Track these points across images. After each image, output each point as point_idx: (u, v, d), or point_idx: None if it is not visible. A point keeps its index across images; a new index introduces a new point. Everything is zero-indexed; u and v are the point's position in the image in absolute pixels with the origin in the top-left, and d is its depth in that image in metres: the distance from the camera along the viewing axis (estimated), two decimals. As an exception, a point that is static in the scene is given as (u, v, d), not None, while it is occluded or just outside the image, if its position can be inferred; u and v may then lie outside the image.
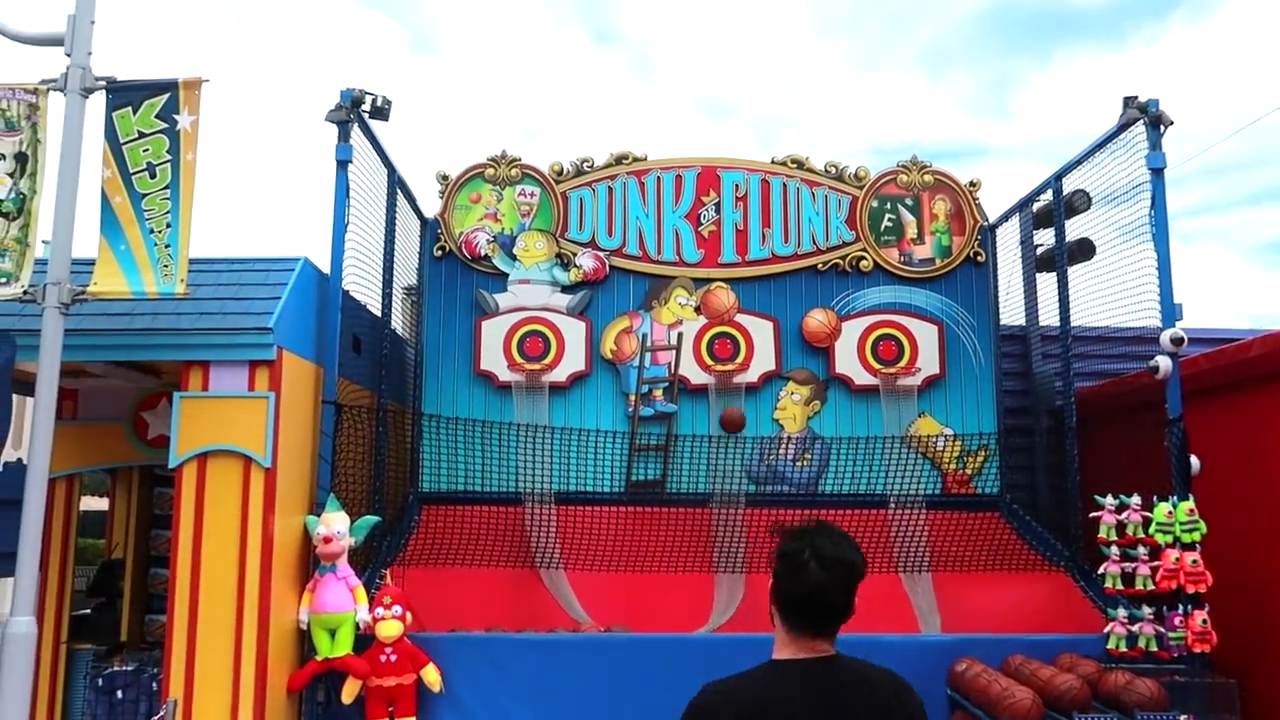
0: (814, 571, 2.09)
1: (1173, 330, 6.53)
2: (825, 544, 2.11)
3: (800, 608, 2.13)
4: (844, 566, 2.10)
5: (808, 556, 2.10)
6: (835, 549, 2.11)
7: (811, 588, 2.09)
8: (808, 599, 2.11)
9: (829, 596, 2.10)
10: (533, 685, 6.27)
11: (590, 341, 8.38)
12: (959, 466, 8.27)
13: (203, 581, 5.79)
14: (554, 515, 7.59)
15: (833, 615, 2.13)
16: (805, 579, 2.10)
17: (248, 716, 5.64)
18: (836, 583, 2.10)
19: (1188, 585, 6.09)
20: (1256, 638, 6.44)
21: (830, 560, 2.09)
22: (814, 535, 2.14)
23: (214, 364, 6.02)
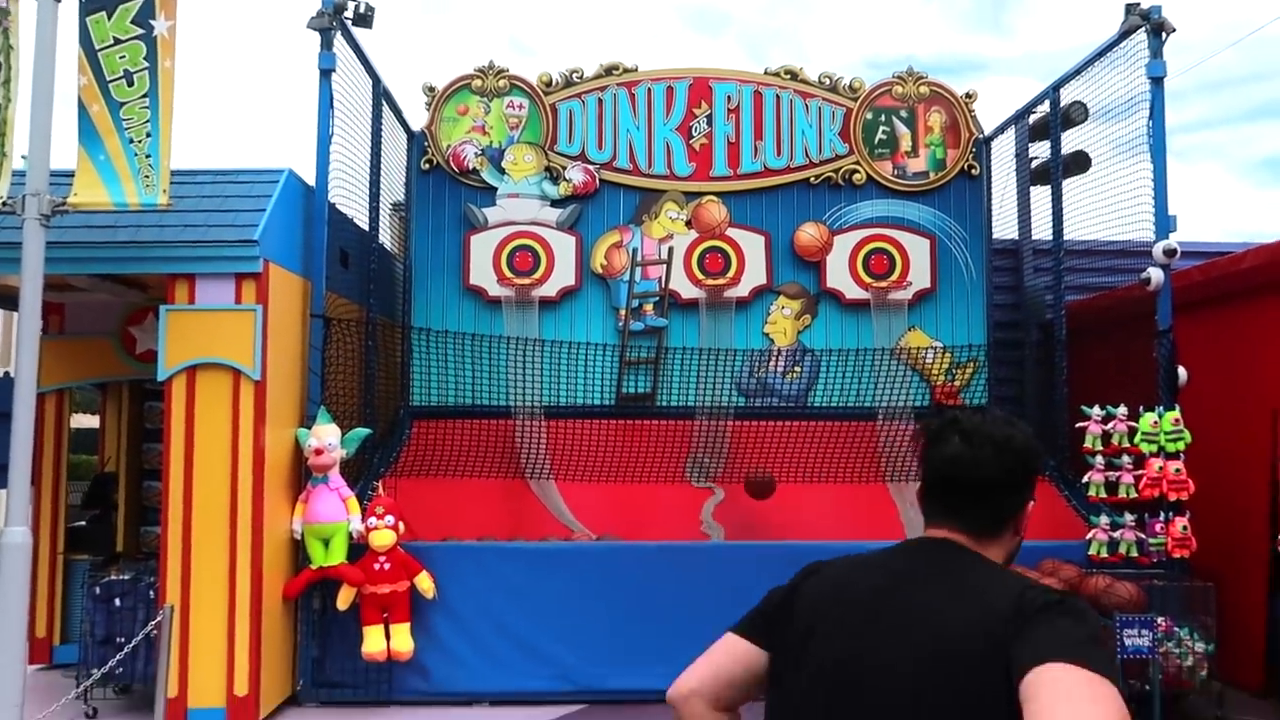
0: (952, 444, 1.67)
1: (1166, 242, 6.50)
2: (973, 419, 1.72)
3: (930, 486, 1.71)
4: (993, 443, 1.65)
5: (950, 432, 1.69)
6: (983, 424, 1.69)
7: (943, 460, 1.68)
8: (937, 473, 1.70)
9: (961, 469, 1.65)
10: (525, 592, 6.39)
11: (580, 256, 8.32)
12: (948, 379, 8.31)
13: (195, 493, 5.83)
14: (544, 428, 7.64)
15: (963, 492, 1.66)
16: (939, 452, 1.68)
17: (245, 623, 5.75)
18: (976, 456, 1.65)
19: (1170, 493, 6.18)
20: (1233, 543, 6.58)
21: (973, 433, 1.67)
22: (962, 412, 1.75)
23: (200, 277, 5.97)
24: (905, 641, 1.52)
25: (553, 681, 6.33)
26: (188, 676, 5.66)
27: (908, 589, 1.60)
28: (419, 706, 6.25)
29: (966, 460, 1.66)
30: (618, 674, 6.32)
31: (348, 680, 6.29)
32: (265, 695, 5.88)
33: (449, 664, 6.31)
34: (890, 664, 1.52)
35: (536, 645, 6.33)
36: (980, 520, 1.67)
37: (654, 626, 6.33)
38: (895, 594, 1.60)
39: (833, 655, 1.60)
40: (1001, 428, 1.69)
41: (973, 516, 1.67)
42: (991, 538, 1.67)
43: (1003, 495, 1.67)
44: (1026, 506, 1.70)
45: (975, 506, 1.67)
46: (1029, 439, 1.71)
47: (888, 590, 1.62)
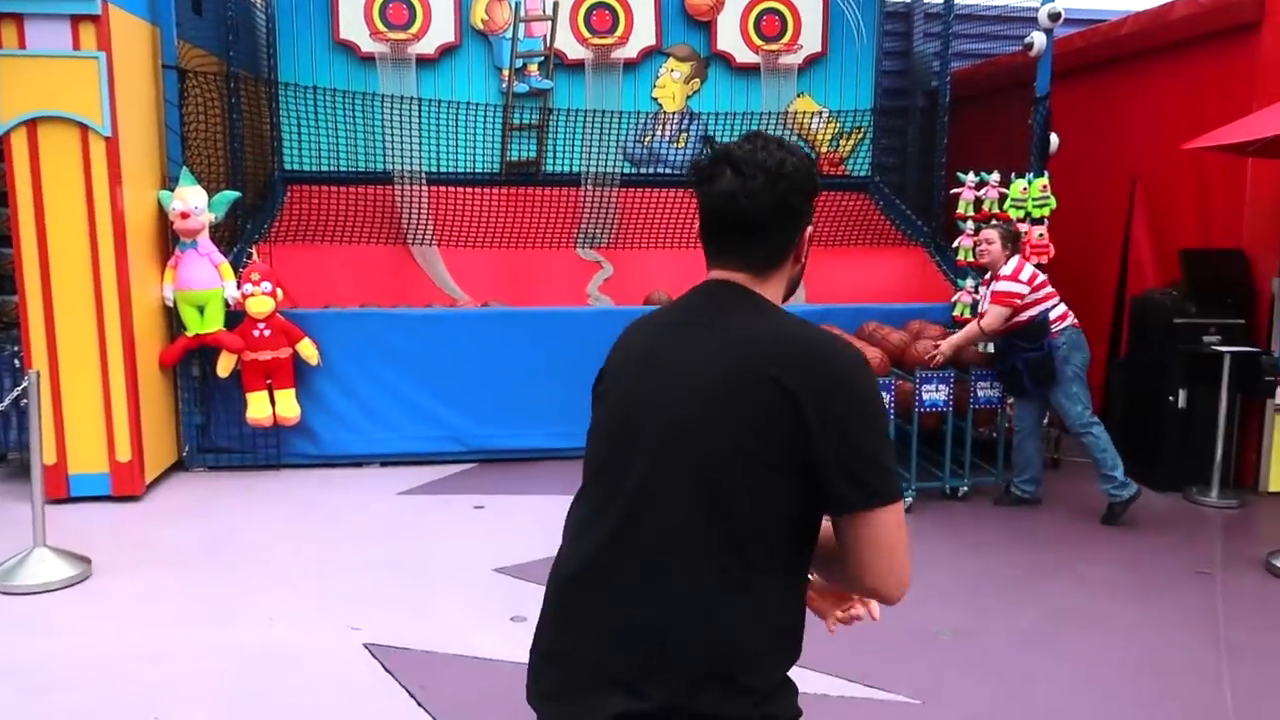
0: (725, 178, 1.53)
1: (1050, 5, 6.46)
2: (744, 148, 1.55)
3: (706, 225, 1.60)
4: (764, 171, 1.51)
5: (721, 165, 1.54)
6: (754, 153, 1.54)
7: (716, 195, 1.54)
8: (711, 210, 1.57)
9: (734, 203, 1.53)
10: (412, 357, 6.41)
11: (459, 10, 7.78)
12: (833, 148, 8.34)
13: (52, 258, 5.51)
14: (426, 194, 7.41)
15: (739, 228, 1.56)
16: (712, 187, 1.55)
17: (120, 388, 5.63)
18: (748, 187, 1.52)
19: (1032, 256, 6.48)
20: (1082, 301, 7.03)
21: (744, 163, 1.53)
22: (735, 144, 1.58)
23: (28, 17, 5.35)
24: (671, 390, 1.50)
25: (442, 443, 6.49)
26: (65, 443, 5.57)
27: (681, 338, 1.57)
28: (309, 469, 6.36)
29: (739, 192, 1.53)
30: (506, 434, 6.53)
31: (234, 446, 6.31)
32: (150, 461, 5.86)
33: (337, 427, 6.39)
34: (658, 409, 1.51)
35: (425, 408, 6.44)
36: (758, 256, 1.58)
37: (539, 390, 6.49)
38: (668, 346, 1.58)
39: (611, 406, 1.62)
40: (775, 153, 1.55)
41: (750, 252, 1.58)
42: (772, 271, 1.59)
43: (779, 225, 1.57)
44: (805, 232, 1.61)
45: (752, 242, 1.57)
46: (803, 161, 1.57)
47: (663, 343, 1.60)
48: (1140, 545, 5.13)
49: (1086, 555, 5.01)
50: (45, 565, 4.53)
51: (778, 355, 1.46)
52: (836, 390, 1.45)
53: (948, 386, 5.67)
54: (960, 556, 4.97)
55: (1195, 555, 5.01)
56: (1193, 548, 5.12)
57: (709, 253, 1.63)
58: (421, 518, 5.53)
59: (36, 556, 4.55)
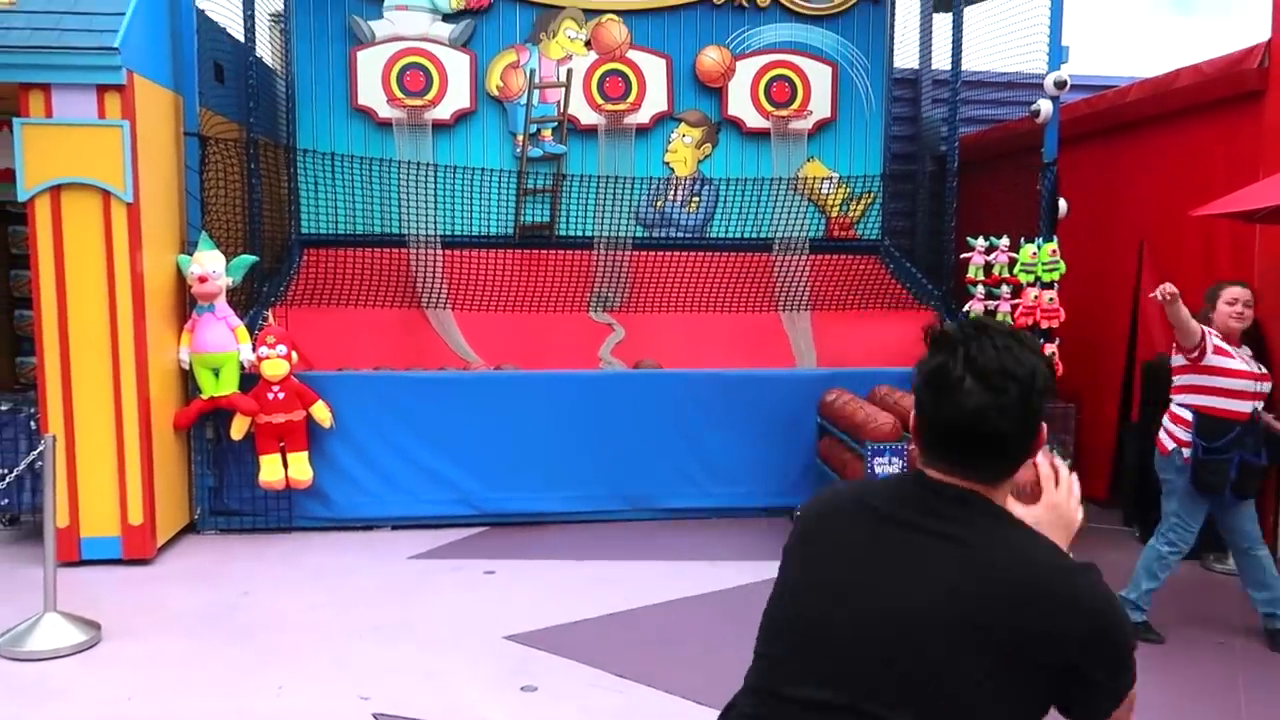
0: (970, 393, 1.43)
1: (1057, 73, 6.57)
2: (985, 347, 1.44)
3: (942, 439, 1.49)
4: (1017, 381, 1.43)
5: (959, 368, 1.44)
6: (1003, 354, 1.44)
7: (963, 414, 1.44)
8: (952, 425, 1.46)
9: (983, 424, 1.43)
10: (424, 420, 6.43)
11: (475, 76, 7.95)
12: (843, 211, 8.42)
13: (71, 321, 5.58)
14: (440, 257, 7.50)
15: (982, 448, 1.46)
16: (954, 403, 1.44)
17: (135, 452, 5.65)
18: (1001, 404, 1.42)
19: (1042, 321, 6.52)
20: (1092, 365, 7.06)
21: (991, 371, 1.43)
22: (966, 336, 1.47)
23: (56, 87, 5.49)
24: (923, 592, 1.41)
25: (453, 506, 6.48)
26: (78, 506, 5.58)
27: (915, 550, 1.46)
28: (320, 532, 6.34)
29: (990, 409, 1.42)
30: (517, 498, 6.51)
31: (246, 508, 6.31)
32: (162, 524, 5.86)
33: (349, 490, 6.39)
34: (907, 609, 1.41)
35: (436, 471, 6.44)
36: (1005, 470, 1.49)
37: (551, 453, 6.49)
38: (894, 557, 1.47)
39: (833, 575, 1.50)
40: (1023, 357, 1.45)
41: (998, 467, 1.48)
42: (1007, 480, 1.51)
43: (1029, 437, 1.47)
44: (1043, 430, 1.50)
45: (1002, 458, 1.47)
46: (1045, 359, 1.49)
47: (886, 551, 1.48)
48: (1157, 615, 5.05)
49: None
50: (55, 631, 4.51)
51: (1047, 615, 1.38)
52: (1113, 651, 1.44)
53: (961, 451, 5.65)
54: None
55: (1214, 625, 4.93)
56: (1211, 617, 5.04)
57: (936, 455, 1.51)
58: (432, 582, 5.50)
59: (46, 622, 4.54)
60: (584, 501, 6.55)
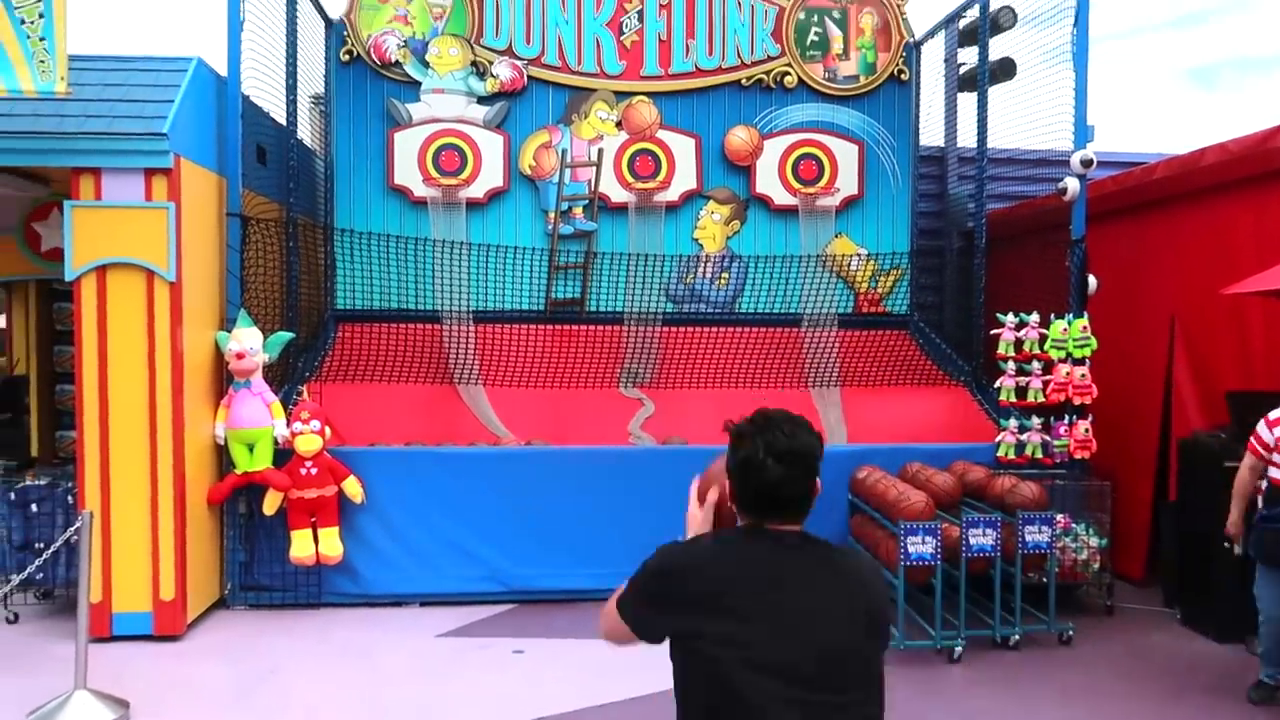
0: (772, 469, 1.96)
1: (1083, 152, 6.64)
2: (778, 436, 1.99)
3: (766, 504, 2.01)
4: (801, 457, 1.99)
5: (762, 455, 1.97)
6: (790, 439, 1.99)
7: (772, 483, 1.98)
8: (771, 494, 2.00)
9: (788, 489, 1.99)
10: (454, 496, 6.45)
11: (508, 156, 8.14)
12: (872, 286, 8.46)
13: (112, 397, 5.68)
14: (472, 333, 7.59)
15: (799, 504, 2.02)
16: (764, 477, 1.98)
17: (169, 527, 5.70)
18: (796, 473, 1.98)
19: (1074, 397, 6.48)
20: (1127, 443, 6.97)
21: (785, 453, 1.97)
22: (760, 429, 2.01)
23: (106, 171, 5.69)
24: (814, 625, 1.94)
25: (482, 583, 6.46)
26: (111, 581, 5.62)
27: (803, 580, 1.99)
28: (349, 608, 6.33)
29: (791, 481, 2.00)
30: (546, 574, 6.48)
31: (276, 584, 6.32)
32: (193, 599, 5.88)
33: (378, 566, 6.38)
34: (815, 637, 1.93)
35: (465, 547, 6.43)
36: (804, 514, 2.07)
37: (581, 529, 6.47)
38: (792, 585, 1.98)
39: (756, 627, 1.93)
40: (804, 439, 2.02)
41: (800, 514, 2.06)
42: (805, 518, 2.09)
43: (811, 494, 2.06)
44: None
45: (805, 508, 2.06)
46: (817, 437, 2.06)
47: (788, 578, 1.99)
48: (1199, 701, 4.92)
49: (1143, 708, 4.80)
50: (84, 709, 4.51)
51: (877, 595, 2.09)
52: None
53: (995, 531, 5.58)
54: (1012, 714, 4.79)
55: (1260, 712, 4.78)
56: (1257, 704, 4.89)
57: (760, 513, 2.05)
58: (461, 662, 5.45)
59: (76, 700, 4.54)
60: (614, 579, 6.41)
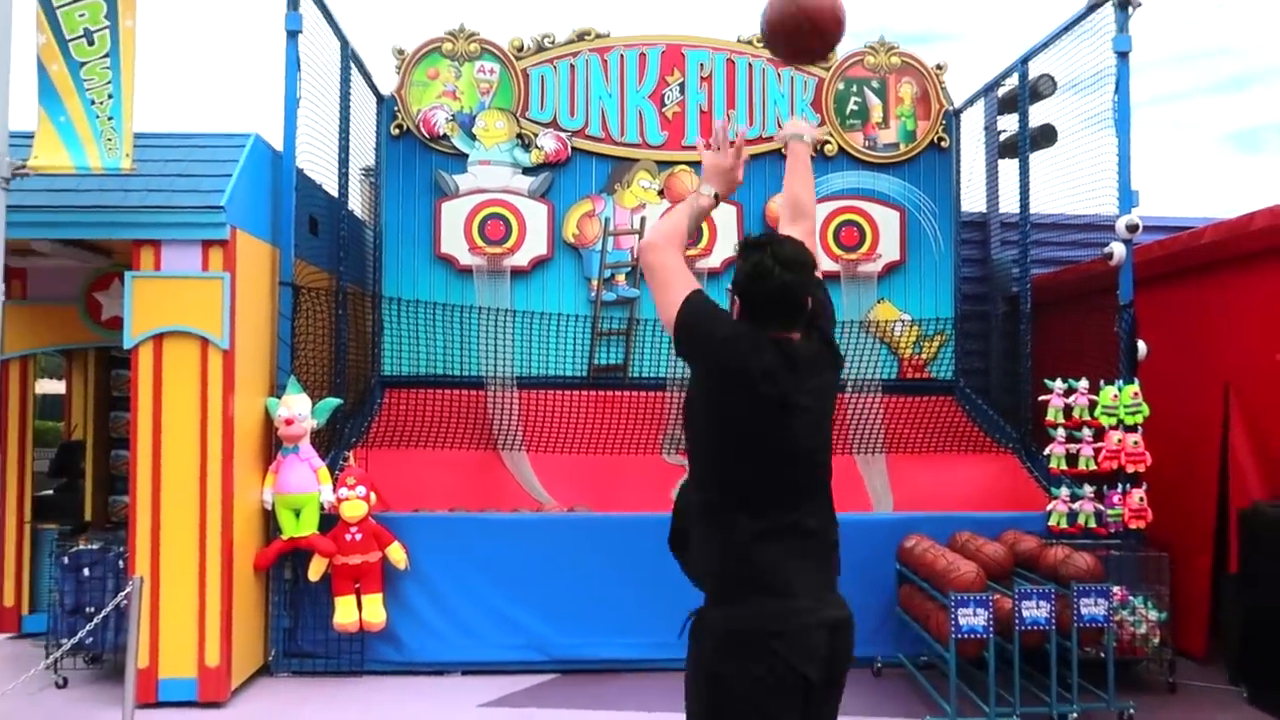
0: (780, 274, 2.30)
1: (1129, 217, 6.60)
2: (785, 249, 2.33)
3: (771, 306, 2.35)
4: (805, 267, 2.35)
5: (772, 263, 2.30)
6: (795, 252, 2.34)
7: (779, 287, 2.32)
8: (778, 298, 2.34)
9: (794, 294, 2.34)
10: (498, 563, 6.43)
11: (552, 225, 8.29)
12: (915, 352, 8.42)
13: (164, 463, 5.78)
14: (516, 399, 7.65)
15: (800, 311, 2.38)
16: (772, 281, 2.31)
17: (215, 593, 5.74)
18: (799, 282, 2.33)
19: (1128, 465, 6.34)
20: (1183, 513, 6.77)
21: (792, 262, 2.32)
22: (770, 242, 2.37)
23: (166, 243, 5.88)
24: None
25: (525, 651, 6.40)
26: (158, 647, 5.65)
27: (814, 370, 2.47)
28: (391, 676, 6.30)
29: (797, 287, 2.34)
30: (589, 644, 6.40)
31: (319, 651, 6.32)
32: (237, 666, 5.89)
33: (421, 634, 6.36)
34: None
35: (509, 615, 6.39)
36: (803, 320, 2.44)
37: (625, 598, 6.41)
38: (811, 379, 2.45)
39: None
40: (804, 254, 2.40)
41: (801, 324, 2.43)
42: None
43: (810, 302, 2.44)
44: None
45: (804, 315, 2.42)
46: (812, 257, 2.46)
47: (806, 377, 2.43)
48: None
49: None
50: (130, 777, 4.52)
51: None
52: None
53: (1049, 603, 5.43)
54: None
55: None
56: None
57: (764, 319, 2.40)
58: (502, 733, 5.38)
59: (122, 768, 4.55)
60: (657, 649, 6.39)
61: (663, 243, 2.52)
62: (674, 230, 2.54)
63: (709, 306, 2.42)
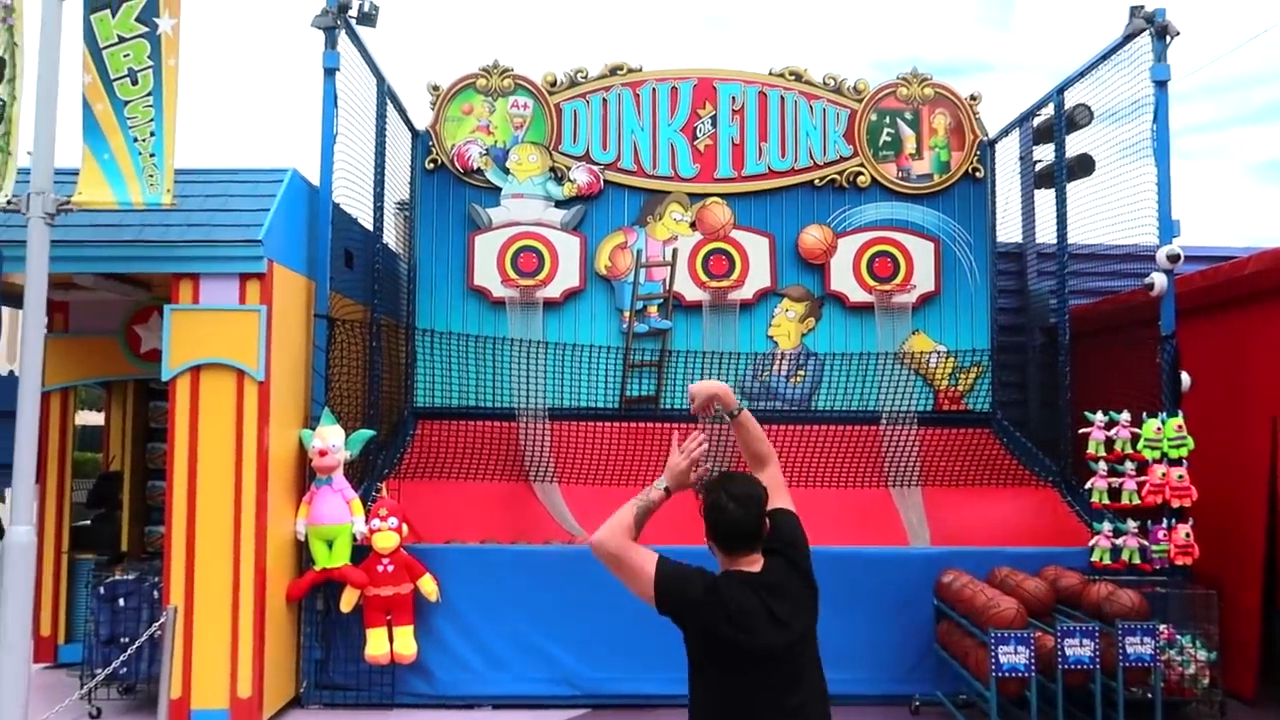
0: (732, 509, 2.64)
1: (1169, 247, 6.50)
2: (736, 486, 2.69)
3: (731, 539, 2.69)
4: (753, 500, 2.68)
5: (725, 500, 2.64)
6: (744, 488, 2.69)
7: (731, 519, 2.65)
8: (733, 530, 2.67)
9: (745, 524, 2.66)
10: (527, 595, 6.38)
11: (584, 257, 8.32)
12: (951, 383, 8.31)
13: (199, 493, 5.83)
14: (548, 430, 7.64)
15: (754, 538, 2.69)
16: (726, 514, 2.65)
17: (248, 623, 5.75)
18: (750, 514, 2.66)
19: (1173, 500, 6.18)
20: (1235, 550, 6.57)
21: (742, 497, 2.65)
22: (723, 482, 2.71)
23: (204, 276, 5.96)
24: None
25: (555, 686, 6.33)
26: (191, 677, 5.65)
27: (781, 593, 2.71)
28: (422, 709, 6.25)
29: (749, 518, 2.67)
30: (620, 678, 6.32)
31: (351, 683, 6.29)
32: (268, 697, 5.88)
33: (452, 667, 6.31)
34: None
35: (539, 649, 6.34)
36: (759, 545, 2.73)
37: (656, 632, 6.30)
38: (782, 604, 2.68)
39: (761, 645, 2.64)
40: (754, 488, 2.73)
41: (759, 546, 2.72)
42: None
43: (762, 529, 2.73)
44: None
45: (760, 539, 2.72)
46: (762, 488, 2.77)
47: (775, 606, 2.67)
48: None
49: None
50: (160, 810, 4.50)
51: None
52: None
53: (1093, 641, 5.29)
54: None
55: None
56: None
57: (737, 553, 2.74)
58: (532, 769, 5.31)
59: (153, 800, 4.53)
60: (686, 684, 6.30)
61: (609, 536, 2.78)
62: (620, 524, 2.80)
63: (676, 569, 2.73)
